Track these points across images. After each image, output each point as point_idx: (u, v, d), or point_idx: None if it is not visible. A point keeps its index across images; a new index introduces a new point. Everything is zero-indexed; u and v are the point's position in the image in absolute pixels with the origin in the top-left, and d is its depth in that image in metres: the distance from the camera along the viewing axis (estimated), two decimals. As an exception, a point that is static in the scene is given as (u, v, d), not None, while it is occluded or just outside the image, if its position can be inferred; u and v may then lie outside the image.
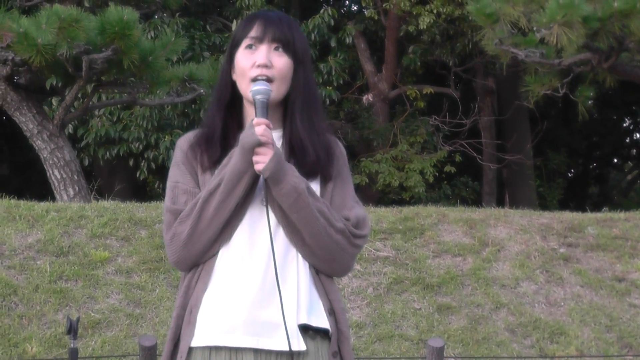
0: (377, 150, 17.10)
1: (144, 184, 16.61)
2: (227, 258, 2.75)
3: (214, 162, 2.80)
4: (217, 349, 2.70)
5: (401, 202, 14.92)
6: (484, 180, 18.71)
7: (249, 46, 2.81)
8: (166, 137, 14.37)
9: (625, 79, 10.90)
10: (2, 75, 9.68)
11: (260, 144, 2.65)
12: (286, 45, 2.80)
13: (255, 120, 2.67)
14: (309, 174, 2.78)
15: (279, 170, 2.66)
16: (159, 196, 15.01)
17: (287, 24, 2.84)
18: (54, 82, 10.60)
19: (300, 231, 2.73)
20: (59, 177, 9.78)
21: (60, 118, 9.93)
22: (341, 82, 16.30)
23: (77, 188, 9.78)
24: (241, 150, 2.68)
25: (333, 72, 15.87)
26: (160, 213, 8.29)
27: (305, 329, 2.72)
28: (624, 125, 27.10)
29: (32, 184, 20.17)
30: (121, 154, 14.84)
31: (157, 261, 7.64)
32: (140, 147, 14.63)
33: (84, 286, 7.24)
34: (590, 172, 26.85)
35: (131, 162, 15.22)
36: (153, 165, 14.80)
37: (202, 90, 10.05)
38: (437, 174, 16.78)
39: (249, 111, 2.82)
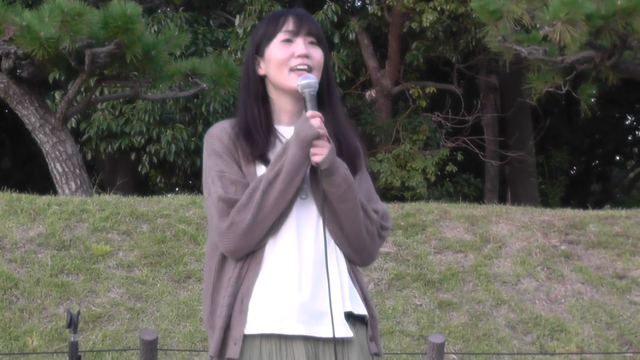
0: (379, 147, 17.08)
1: (146, 178, 16.61)
2: (276, 249, 2.83)
3: (260, 155, 2.86)
4: (268, 337, 2.76)
5: (403, 199, 14.91)
6: (486, 177, 18.69)
7: (286, 40, 2.91)
8: (168, 131, 14.38)
9: (627, 76, 10.89)
10: (4, 68, 9.68)
11: (319, 137, 2.75)
12: (319, 39, 2.94)
13: (310, 112, 2.78)
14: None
15: (334, 162, 2.77)
16: (161, 190, 15.04)
17: (315, 22, 2.98)
18: (57, 76, 10.61)
19: (341, 221, 2.82)
20: (60, 170, 9.78)
21: (63, 112, 9.93)
22: (344, 78, 16.29)
23: (78, 182, 9.78)
24: (299, 142, 2.76)
25: (336, 68, 15.85)
26: (162, 207, 8.29)
27: (348, 316, 2.83)
28: (627, 123, 27.08)
29: (34, 177, 20.20)
30: (123, 148, 14.84)
31: (159, 255, 7.65)
32: (142, 141, 14.62)
33: (85, 280, 7.25)
34: (593, 170, 26.82)
35: (133, 156, 15.22)
36: (155, 160, 14.79)
37: (204, 85, 10.05)
38: (438, 173, 16.76)
39: (281, 103, 2.93)
